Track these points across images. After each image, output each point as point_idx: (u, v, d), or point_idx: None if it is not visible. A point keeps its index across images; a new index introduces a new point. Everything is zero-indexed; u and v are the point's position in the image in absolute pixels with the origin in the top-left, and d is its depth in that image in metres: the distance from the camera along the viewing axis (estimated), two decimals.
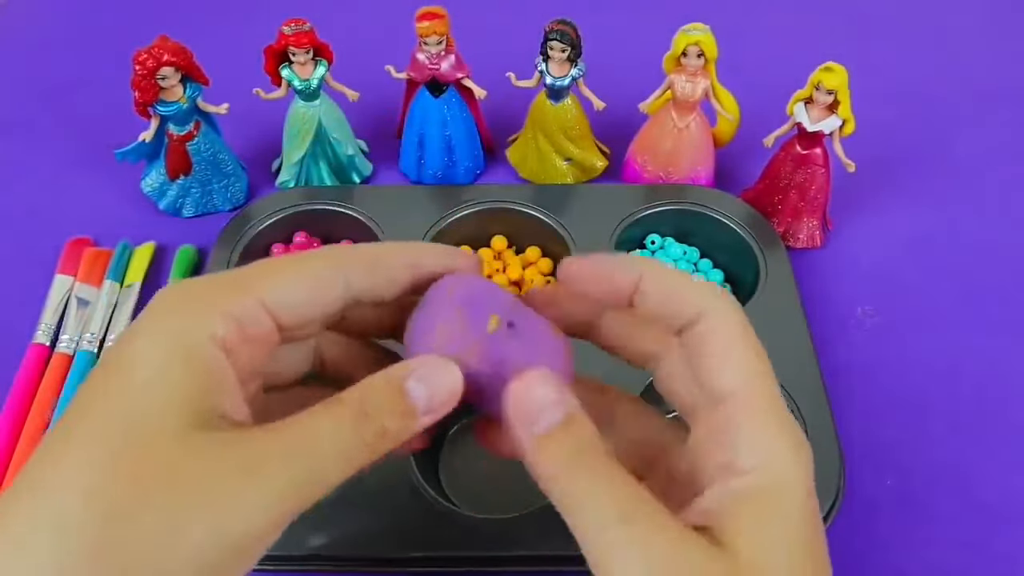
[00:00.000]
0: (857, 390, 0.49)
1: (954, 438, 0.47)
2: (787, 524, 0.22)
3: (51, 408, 0.46)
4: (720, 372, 0.23)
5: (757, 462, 0.22)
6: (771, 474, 0.22)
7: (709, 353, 0.23)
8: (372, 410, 0.23)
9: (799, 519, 0.22)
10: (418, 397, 0.23)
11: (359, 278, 0.25)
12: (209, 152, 0.55)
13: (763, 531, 0.22)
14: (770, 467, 0.22)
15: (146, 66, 0.50)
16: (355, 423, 0.22)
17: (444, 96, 0.56)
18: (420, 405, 0.23)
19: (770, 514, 0.22)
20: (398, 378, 0.23)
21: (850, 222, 0.58)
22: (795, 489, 0.22)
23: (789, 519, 0.22)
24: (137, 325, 0.23)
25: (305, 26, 0.52)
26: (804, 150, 0.53)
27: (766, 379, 0.23)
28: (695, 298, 0.24)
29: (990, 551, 0.42)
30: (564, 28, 0.52)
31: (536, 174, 0.59)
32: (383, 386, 0.23)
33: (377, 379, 0.23)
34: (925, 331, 0.52)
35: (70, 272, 0.53)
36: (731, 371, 0.23)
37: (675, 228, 0.55)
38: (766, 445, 0.22)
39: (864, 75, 0.52)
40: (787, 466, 0.22)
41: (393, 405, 0.23)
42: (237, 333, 0.23)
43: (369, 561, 0.39)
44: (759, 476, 0.22)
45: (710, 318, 0.24)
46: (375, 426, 0.23)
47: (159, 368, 0.21)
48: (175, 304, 0.23)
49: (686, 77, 0.53)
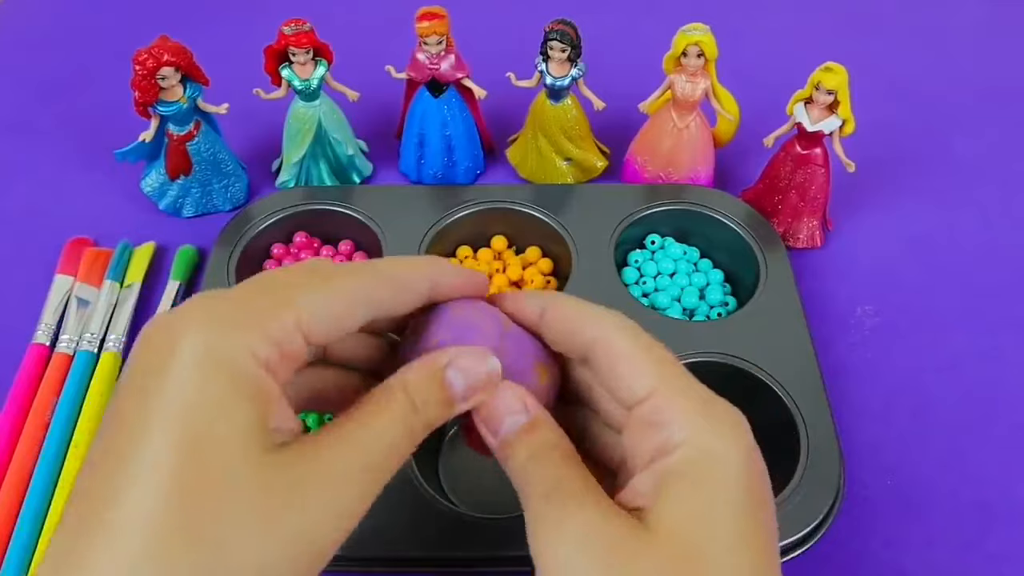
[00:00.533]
0: (857, 390, 0.49)
1: (954, 438, 0.47)
2: (716, 492, 0.23)
3: (51, 408, 0.46)
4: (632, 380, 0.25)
5: (683, 437, 0.23)
6: (698, 446, 0.23)
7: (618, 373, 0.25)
8: (420, 403, 0.24)
9: (734, 485, 0.23)
10: (457, 386, 0.25)
11: (386, 298, 0.26)
12: (209, 152, 0.55)
13: (687, 502, 0.23)
14: (696, 440, 0.23)
15: (146, 66, 0.50)
16: (405, 417, 0.24)
17: (444, 96, 0.56)
18: (458, 394, 0.25)
19: (698, 485, 0.23)
20: (439, 368, 0.25)
21: (850, 222, 0.58)
22: (727, 456, 0.23)
23: (720, 487, 0.23)
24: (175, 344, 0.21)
25: (305, 26, 0.52)
26: (804, 150, 0.53)
27: (675, 367, 0.25)
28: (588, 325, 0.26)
29: (990, 551, 0.43)
30: (564, 28, 0.52)
31: (536, 174, 0.59)
32: (427, 378, 0.25)
33: (419, 372, 0.25)
34: (925, 331, 0.52)
35: (70, 272, 0.53)
36: (642, 375, 0.25)
37: (675, 228, 0.55)
38: (690, 421, 0.24)
39: (864, 75, 0.52)
40: (715, 437, 0.23)
41: (437, 395, 0.25)
42: (277, 353, 0.23)
43: (369, 561, 0.39)
44: (687, 450, 0.23)
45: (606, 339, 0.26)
46: (423, 418, 0.24)
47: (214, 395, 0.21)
48: (217, 323, 0.22)
49: (686, 77, 0.53)
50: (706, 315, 0.51)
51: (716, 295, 0.52)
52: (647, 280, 0.52)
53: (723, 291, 0.52)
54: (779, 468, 0.42)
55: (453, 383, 0.25)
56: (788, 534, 0.39)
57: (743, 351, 0.46)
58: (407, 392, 0.24)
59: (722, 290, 0.52)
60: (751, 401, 0.45)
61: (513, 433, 0.25)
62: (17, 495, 0.43)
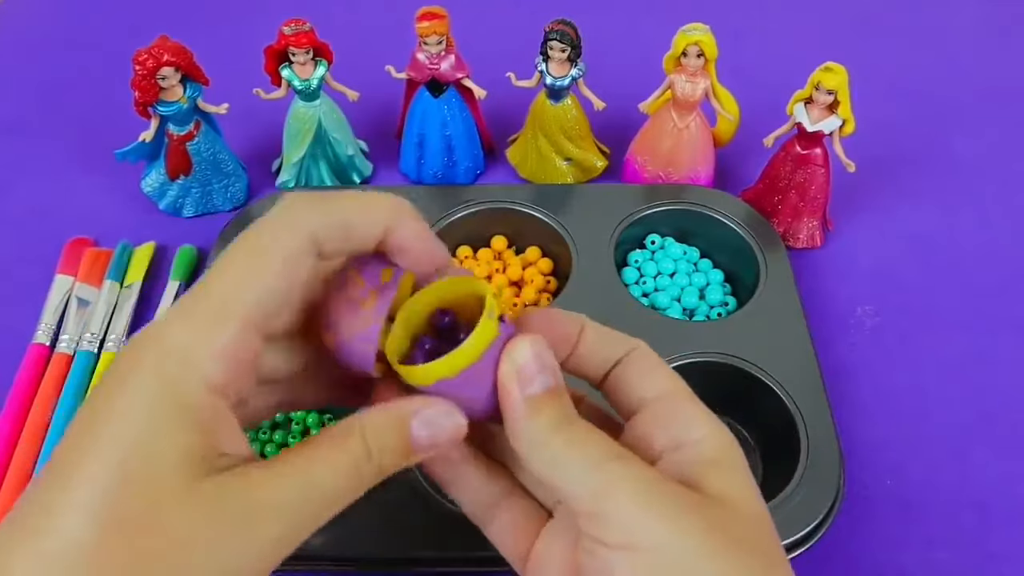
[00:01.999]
0: (857, 390, 0.49)
1: (954, 438, 0.47)
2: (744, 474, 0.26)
3: (51, 408, 0.46)
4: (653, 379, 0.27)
5: (703, 434, 0.26)
6: (716, 442, 0.26)
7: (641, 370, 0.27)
8: (376, 452, 0.24)
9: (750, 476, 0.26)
10: (421, 438, 0.24)
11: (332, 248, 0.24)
12: (209, 152, 0.55)
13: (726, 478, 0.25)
14: (714, 437, 0.26)
15: (146, 66, 0.50)
16: (357, 463, 0.23)
17: (444, 96, 0.56)
18: (421, 446, 0.24)
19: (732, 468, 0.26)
20: (404, 419, 0.24)
21: (850, 222, 0.58)
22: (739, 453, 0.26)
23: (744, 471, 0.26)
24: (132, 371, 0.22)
25: (305, 26, 0.52)
26: (804, 150, 0.53)
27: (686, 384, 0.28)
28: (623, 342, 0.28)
29: (990, 551, 0.43)
30: (564, 28, 0.52)
31: (536, 174, 0.59)
32: (388, 428, 0.24)
33: (382, 420, 0.24)
34: (925, 331, 0.52)
35: (70, 272, 0.53)
36: (661, 379, 0.27)
37: (675, 228, 0.55)
38: (705, 422, 0.26)
39: (864, 75, 0.52)
40: (727, 437, 0.26)
41: (396, 445, 0.24)
42: (230, 368, 0.22)
43: (369, 561, 0.39)
44: (707, 444, 0.26)
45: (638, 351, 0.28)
46: (376, 465, 0.24)
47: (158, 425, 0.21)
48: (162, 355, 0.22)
49: (686, 77, 0.53)
50: (706, 315, 0.51)
51: (716, 295, 0.52)
52: (647, 280, 0.52)
53: (723, 291, 0.52)
54: (779, 468, 0.42)
55: (417, 436, 0.24)
56: (788, 534, 0.39)
57: (743, 351, 0.46)
58: (364, 437, 0.24)
59: (722, 290, 0.52)
60: (751, 401, 0.45)
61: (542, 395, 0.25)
62: (17, 495, 0.43)
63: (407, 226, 0.25)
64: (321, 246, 0.24)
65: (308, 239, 0.23)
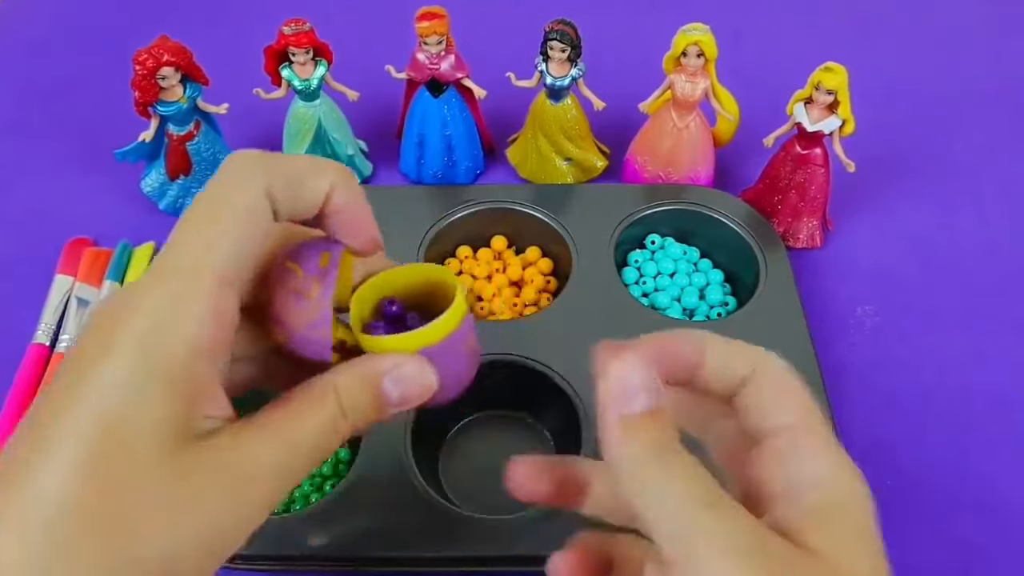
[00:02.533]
0: (857, 390, 0.49)
1: (954, 438, 0.47)
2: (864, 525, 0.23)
3: None
4: (778, 407, 0.25)
5: (826, 477, 0.23)
6: (840, 487, 0.23)
7: (766, 396, 0.25)
8: (350, 411, 0.24)
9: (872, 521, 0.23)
10: (393, 396, 0.25)
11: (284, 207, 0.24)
12: (209, 152, 0.55)
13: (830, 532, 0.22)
14: (838, 481, 0.24)
15: (146, 66, 0.50)
16: (335, 420, 0.24)
17: (444, 96, 0.56)
18: (393, 402, 0.25)
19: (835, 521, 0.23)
20: (376, 378, 0.25)
21: (850, 222, 0.58)
22: (864, 501, 0.23)
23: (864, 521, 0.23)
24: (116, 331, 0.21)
25: (305, 26, 0.52)
26: (804, 150, 0.53)
27: (818, 413, 0.25)
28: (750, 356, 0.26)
29: (989, 551, 0.43)
30: (564, 28, 0.52)
31: (536, 174, 0.59)
32: (361, 388, 0.24)
33: (354, 380, 0.24)
34: (925, 331, 0.52)
35: (70, 272, 0.53)
36: (786, 408, 0.25)
37: (675, 228, 0.55)
38: (831, 462, 0.24)
39: (864, 75, 0.52)
40: (853, 481, 0.24)
41: (370, 402, 0.24)
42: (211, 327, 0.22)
43: (369, 561, 0.39)
44: (830, 489, 0.23)
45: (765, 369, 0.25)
46: (350, 423, 0.24)
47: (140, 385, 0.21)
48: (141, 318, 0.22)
49: (686, 77, 0.53)
50: (706, 315, 0.51)
51: (716, 295, 0.52)
52: (647, 280, 0.52)
53: (723, 291, 0.52)
54: None
55: (390, 393, 0.25)
56: None
57: None
58: (338, 395, 0.24)
59: (722, 290, 0.52)
60: None
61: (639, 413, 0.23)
62: None
63: (351, 186, 0.25)
64: (274, 202, 0.24)
65: (263, 194, 0.24)
